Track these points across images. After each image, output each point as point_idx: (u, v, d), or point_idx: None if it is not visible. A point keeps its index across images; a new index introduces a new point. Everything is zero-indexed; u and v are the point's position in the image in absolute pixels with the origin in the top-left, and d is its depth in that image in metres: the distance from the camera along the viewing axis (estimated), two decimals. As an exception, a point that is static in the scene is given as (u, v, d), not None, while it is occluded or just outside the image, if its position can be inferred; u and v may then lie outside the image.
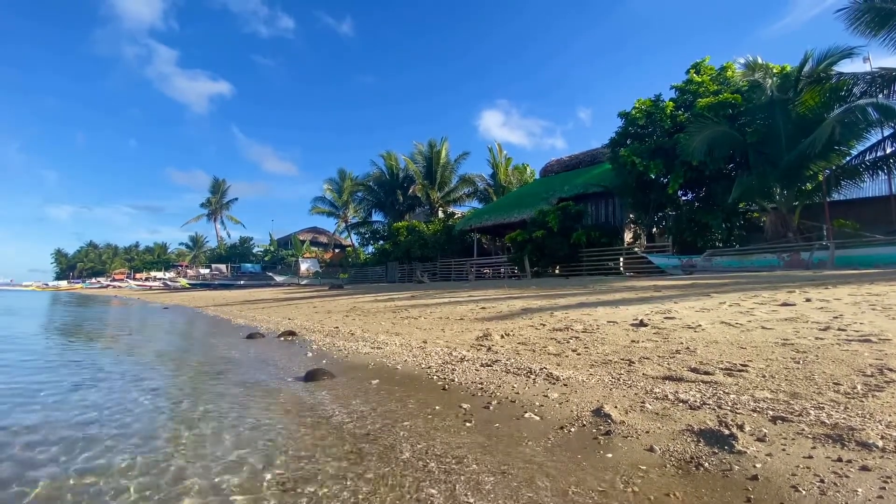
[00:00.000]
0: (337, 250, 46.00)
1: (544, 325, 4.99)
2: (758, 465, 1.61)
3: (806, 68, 12.20)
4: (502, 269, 21.03)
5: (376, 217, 36.52)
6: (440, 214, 31.09)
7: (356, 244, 39.93)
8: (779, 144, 12.16)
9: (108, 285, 50.84)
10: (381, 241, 32.06)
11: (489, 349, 4.07)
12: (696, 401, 2.25)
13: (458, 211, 33.01)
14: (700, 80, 14.90)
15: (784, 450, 1.69)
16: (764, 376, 2.52)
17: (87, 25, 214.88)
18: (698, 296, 6.09)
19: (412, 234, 26.14)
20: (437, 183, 31.47)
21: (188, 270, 50.76)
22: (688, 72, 15.50)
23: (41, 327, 9.54)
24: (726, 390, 2.36)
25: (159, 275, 52.44)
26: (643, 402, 2.31)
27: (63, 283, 60.87)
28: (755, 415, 2.02)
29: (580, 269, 16.55)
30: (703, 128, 12.27)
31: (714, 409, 2.12)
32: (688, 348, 3.31)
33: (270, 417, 2.62)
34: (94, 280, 60.25)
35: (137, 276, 55.84)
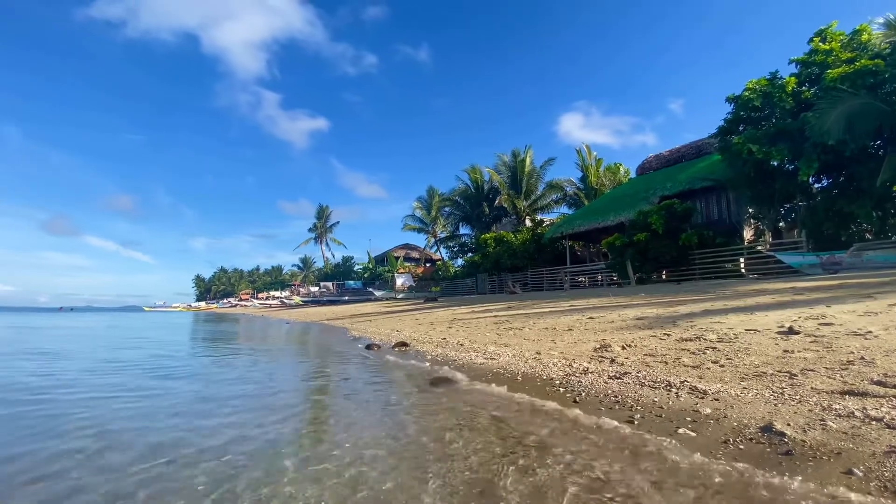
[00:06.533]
0: (428, 264, 47.63)
1: (669, 335, 4.66)
2: None
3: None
4: (600, 277, 19.98)
5: (464, 230, 37.22)
6: (527, 223, 30.64)
7: (446, 258, 41.00)
8: (945, 111, 10.02)
9: (237, 304, 58.27)
10: (470, 254, 32.41)
11: (612, 361, 3.92)
12: (893, 419, 1.95)
13: (547, 218, 32.25)
14: (828, 47, 12.91)
15: None
16: (984, 392, 2.10)
17: (209, 81, 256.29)
18: (856, 297, 5.23)
19: (500, 245, 26.07)
20: (524, 192, 31.12)
21: (300, 289, 56.51)
22: (811, 41, 13.52)
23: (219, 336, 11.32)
24: (933, 408, 2.01)
25: (277, 294, 58.99)
26: (822, 420, 2.06)
27: (202, 304, 71.17)
28: (985, 438, 1.69)
29: (692, 274, 15.08)
30: (839, 102, 10.59)
31: (924, 430, 1.82)
32: (862, 358, 2.87)
33: (413, 419, 2.81)
34: (225, 301, 69.55)
35: (259, 295, 63.31)
